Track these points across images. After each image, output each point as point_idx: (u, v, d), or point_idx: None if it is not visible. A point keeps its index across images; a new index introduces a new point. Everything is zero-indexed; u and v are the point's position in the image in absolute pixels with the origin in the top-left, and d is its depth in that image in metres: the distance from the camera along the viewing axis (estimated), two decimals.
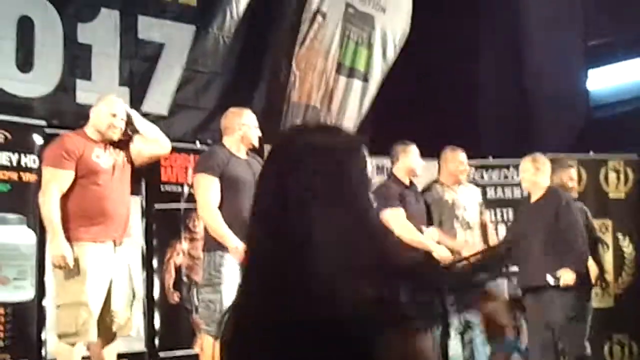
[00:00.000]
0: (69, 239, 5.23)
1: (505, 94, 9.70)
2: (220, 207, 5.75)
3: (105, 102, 5.68)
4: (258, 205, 1.62)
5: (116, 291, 5.45)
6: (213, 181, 5.74)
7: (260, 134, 6.09)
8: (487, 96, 9.82)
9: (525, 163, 6.87)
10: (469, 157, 7.59)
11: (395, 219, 6.50)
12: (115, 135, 5.64)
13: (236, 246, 5.53)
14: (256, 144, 6.05)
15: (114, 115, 5.61)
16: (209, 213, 5.72)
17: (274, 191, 1.58)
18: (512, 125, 9.15)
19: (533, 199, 6.83)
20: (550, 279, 6.51)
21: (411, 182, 6.94)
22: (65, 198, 5.33)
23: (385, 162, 7.76)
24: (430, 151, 7.35)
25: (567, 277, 6.43)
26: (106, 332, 5.42)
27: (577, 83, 10.10)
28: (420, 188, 7.22)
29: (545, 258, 6.49)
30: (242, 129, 5.97)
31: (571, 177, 7.32)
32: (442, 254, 6.66)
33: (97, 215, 5.35)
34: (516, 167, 8.52)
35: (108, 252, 5.37)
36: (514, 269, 6.90)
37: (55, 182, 5.29)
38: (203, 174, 5.80)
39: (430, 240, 6.72)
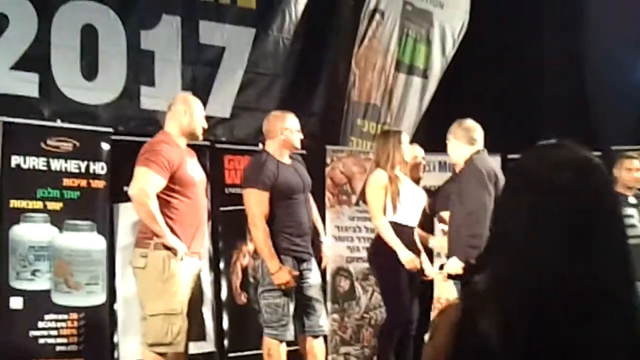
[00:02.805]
0: (166, 248, 5.19)
1: (565, 87, 9.59)
2: (274, 218, 5.76)
3: (194, 103, 5.62)
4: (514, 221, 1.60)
5: (194, 299, 5.48)
6: (264, 196, 5.71)
7: (302, 137, 6.07)
8: (548, 90, 9.71)
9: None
10: None
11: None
12: (201, 136, 5.70)
13: (278, 268, 5.62)
14: (298, 147, 6.06)
15: (203, 117, 5.64)
16: (258, 231, 5.71)
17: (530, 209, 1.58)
18: (573, 117, 9.04)
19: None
20: (436, 267, 6.17)
21: None
22: (162, 209, 5.23)
23: (447, 158, 7.72)
24: (493, 146, 7.28)
25: (450, 265, 5.81)
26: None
27: (636, 73, 9.93)
28: None
29: (451, 243, 5.95)
30: (284, 133, 5.92)
31: (636, 167, 7.26)
32: None
33: (190, 227, 5.34)
34: None
35: (194, 264, 5.42)
36: None
37: (153, 186, 5.17)
38: (254, 190, 5.74)
39: None
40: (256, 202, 5.72)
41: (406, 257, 6.19)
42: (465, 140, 6.05)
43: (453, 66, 9.26)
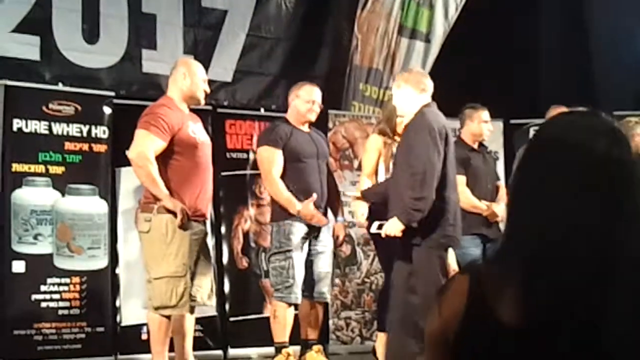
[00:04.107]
0: (169, 212, 5.19)
1: (567, 52, 9.56)
2: (283, 177, 5.91)
3: (195, 66, 5.60)
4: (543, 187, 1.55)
5: (204, 263, 5.48)
6: (275, 152, 5.89)
7: (315, 109, 6.15)
8: (550, 55, 9.67)
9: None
10: (535, 117, 7.51)
11: None
12: (203, 100, 5.65)
13: (299, 210, 5.75)
14: (307, 117, 6.09)
15: (205, 81, 5.60)
16: (271, 182, 5.91)
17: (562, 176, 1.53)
18: (574, 83, 9.01)
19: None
20: (374, 226, 5.60)
21: (480, 144, 6.85)
22: (164, 172, 5.25)
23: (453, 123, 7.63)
24: (495, 111, 7.25)
25: (390, 226, 5.32)
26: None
27: (637, 38, 9.87)
28: None
29: (393, 202, 5.44)
30: (294, 101, 6.12)
31: (639, 133, 7.24)
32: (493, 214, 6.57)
33: (194, 189, 5.33)
34: None
35: (200, 227, 5.41)
36: None
37: (152, 149, 5.17)
38: (265, 147, 5.96)
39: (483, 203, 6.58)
40: (268, 158, 5.91)
41: None
42: (416, 86, 5.52)
43: (456, 31, 9.20)
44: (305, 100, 6.07)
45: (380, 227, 5.44)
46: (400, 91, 5.57)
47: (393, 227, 5.28)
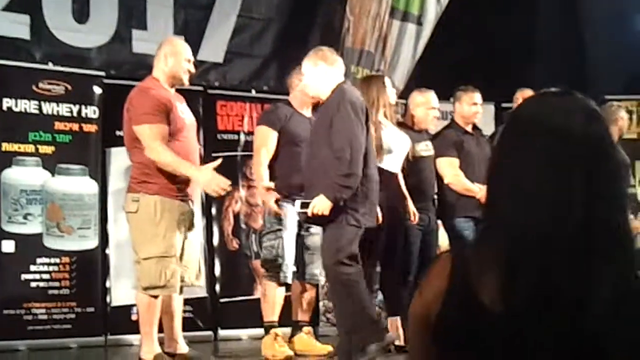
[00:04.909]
0: (156, 193, 5.17)
1: (558, 36, 9.55)
2: (277, 158, 5.92)
3: (178, 46, 5.50)
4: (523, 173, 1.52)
5: (191, 244, 5.47)
6: (270, 133, 5.93)
7: None
8: (541, 39, 9.67)
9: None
10: None
11: (447, 167, 6.52)
12: (186, 81, 5.54)
13: (265, 186, 5.82)
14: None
15: (189, 61, 5.51)
16: (256, 156, 5.99)
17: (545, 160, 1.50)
18: (568, 68, 9.01)
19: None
20: (297, 205, 5.41)
21: (475, 127, 6.82)
22: None
23: (448, 106, 7.61)
24: (487, 95, 7.23)
25: (317, 204, 5.10)
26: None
27: (632, 26, 9.88)
28: None
29: (315, 179, 5.26)
30: (299, 85, 6.02)
31: (622, 117, 7.27)
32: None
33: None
34: None
35: (187, 208, 5.38)
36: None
37: (160, 136, 5.12)
38: (263, 126, 6.02)
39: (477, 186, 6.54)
40: (261, 137, 5.97)
41: None
42: (331, 64, 5.44)
43: (448, 13, 9.17)
44: None
45: (304, 205, 5.24)
46: (317, 69, 5.46)
47: (321, 204, 5.09)
